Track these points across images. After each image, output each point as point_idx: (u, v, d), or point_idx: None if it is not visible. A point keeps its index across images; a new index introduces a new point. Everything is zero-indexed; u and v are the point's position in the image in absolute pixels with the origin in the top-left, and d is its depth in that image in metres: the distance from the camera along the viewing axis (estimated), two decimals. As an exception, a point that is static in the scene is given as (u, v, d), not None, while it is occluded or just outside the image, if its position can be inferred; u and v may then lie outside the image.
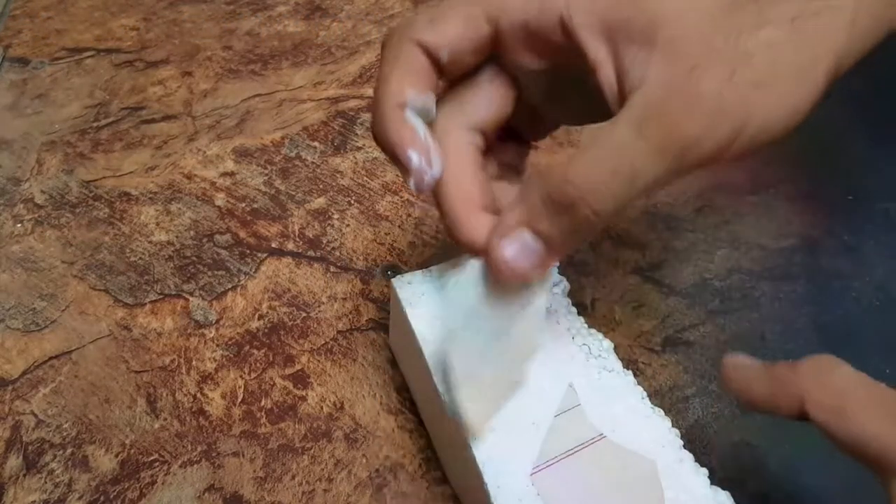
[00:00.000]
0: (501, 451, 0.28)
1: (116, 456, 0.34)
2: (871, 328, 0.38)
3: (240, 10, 0.56)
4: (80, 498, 0.33)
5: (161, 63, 0.52)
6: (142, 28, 0.55)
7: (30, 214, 0.43)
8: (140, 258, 0.41)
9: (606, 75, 0.26)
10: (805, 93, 0.26)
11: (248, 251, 0.42)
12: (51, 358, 0.37)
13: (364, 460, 0.34)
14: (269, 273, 0.40)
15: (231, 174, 0.45)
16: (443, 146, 0.28)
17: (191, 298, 0.40)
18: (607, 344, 0.31)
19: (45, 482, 0.33)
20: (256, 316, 0.39)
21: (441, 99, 0.29)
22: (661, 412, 0.29)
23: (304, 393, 0.36)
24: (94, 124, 0.48)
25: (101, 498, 0.33)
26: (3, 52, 0.53)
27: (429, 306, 0.31)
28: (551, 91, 0.30)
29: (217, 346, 0.38)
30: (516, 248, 0.26)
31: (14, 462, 0.34)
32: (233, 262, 0.41)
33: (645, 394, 0.30)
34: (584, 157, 0.25)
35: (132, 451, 0.34)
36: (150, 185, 0.45)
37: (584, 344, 0.31)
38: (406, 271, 0.34)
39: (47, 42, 0.54)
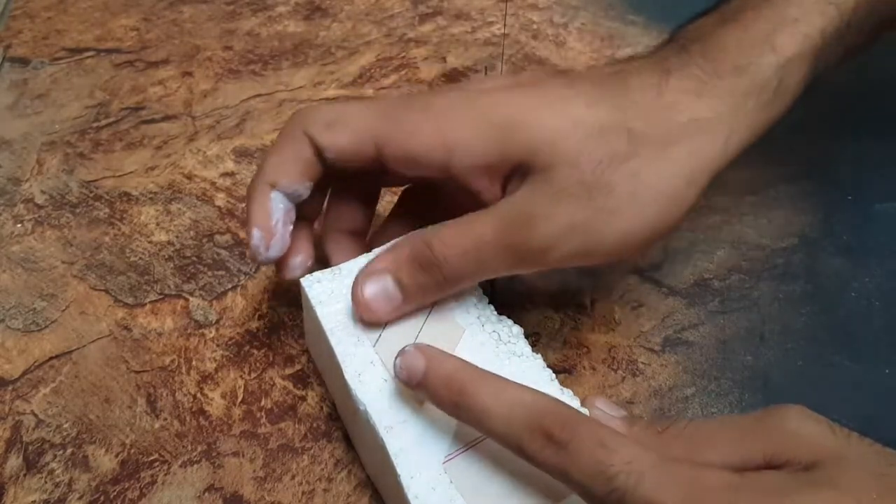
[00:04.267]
0: (414, 441, 0.28)
1: (116, 456, 0.34)
2: (871, 328, 0.38)
3: (240, 10, 0.56)
4: (80, 498, 0.33)
5: (161, 63, 0.52)
6: (142, 28, 0.55)
7: (30, 214, 0.43)
8: (140, 258, 0.41)
9: (488, 197, 0.31)
10: (670, 215, 0.30)
11: (248, 251, 0.42)
12: (51, 358, 0.37)
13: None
14: (270, 273, 0.40)
15: (231, 174, 0.45)
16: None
17: (191, 298, 0.40)
18: (517, 330, 0.32)
19: (46, 482, 0.33)
20: (256, 316, 0.39)
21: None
22: (571, 393, 0.30)
23: (304, 393, 0.36)
24: (95, 124, 0.48)
25: (102, 498, 0.33)
26: (3, 52, 0.53)
27: (339, 304, 0.32)
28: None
29: (217, 346, 0.38)
30: (377, 290, 0.30)
31: (14, 462, 0.34)
32: (233, 262, 0.41)
33: (554, 376, 0.30)
34: (451, 233, 0.30)
35: (132, 451, 0.34)
36: (150, 185, 0.45)
37: (493, 331, 0.31)
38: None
39: (47, 42, 0.54)
